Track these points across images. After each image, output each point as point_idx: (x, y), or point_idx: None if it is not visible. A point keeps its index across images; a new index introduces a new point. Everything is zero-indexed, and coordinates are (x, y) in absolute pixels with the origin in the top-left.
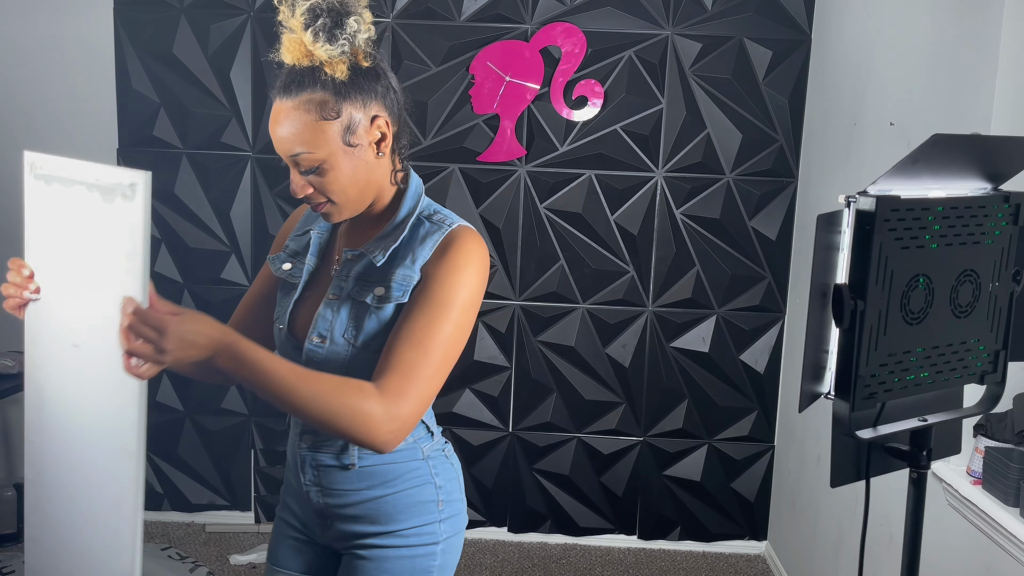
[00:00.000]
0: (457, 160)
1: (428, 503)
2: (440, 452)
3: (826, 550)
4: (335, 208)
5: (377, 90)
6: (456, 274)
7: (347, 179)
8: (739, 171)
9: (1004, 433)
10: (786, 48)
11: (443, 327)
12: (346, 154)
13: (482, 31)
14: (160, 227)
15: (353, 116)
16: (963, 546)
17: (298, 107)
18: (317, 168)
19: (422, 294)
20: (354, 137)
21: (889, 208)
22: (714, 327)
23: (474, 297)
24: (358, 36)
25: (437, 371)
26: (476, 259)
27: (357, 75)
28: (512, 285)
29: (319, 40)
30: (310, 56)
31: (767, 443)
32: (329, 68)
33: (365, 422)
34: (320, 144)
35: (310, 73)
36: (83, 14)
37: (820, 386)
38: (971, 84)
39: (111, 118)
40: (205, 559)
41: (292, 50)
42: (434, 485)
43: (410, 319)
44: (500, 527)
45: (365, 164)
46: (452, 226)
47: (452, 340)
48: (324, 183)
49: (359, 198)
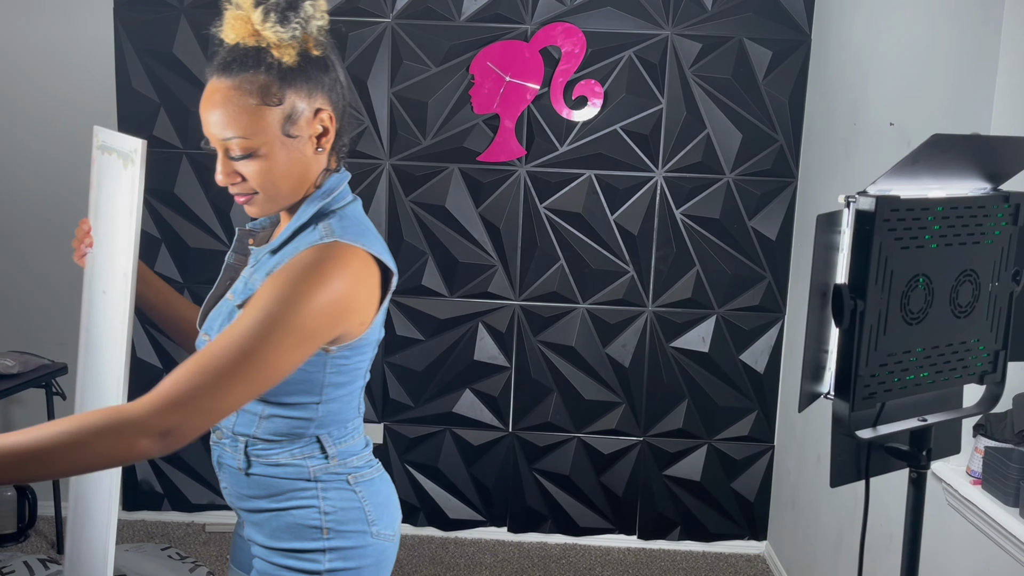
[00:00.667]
0: (457, 160)
1: (309, 528)
2: (340, 477)
3: (826, 550)
4: (261, 201)
5: (325, 82)
6: (286, 287)
7: (280, 172)
8: (739, 171)
9: (1004, 433)
10: (786, 48)
11: (243, 343)
12: (283, 145)
13: (482, 31)
14: (160, 227)
15: (296, 105)
16: (963, 546)
17: (238, 88)
18: (249, 155)
19: (248, 306)
20: (295, 128)
21: (889, 208)
22: (714, 327)
23: (308, 323)
24: (312, 22)
25: (228, 384)
26: (323, 283)
27: (306, 63)
28: (512, 285)
29: (269, 20)
30: (256, 36)
31: (767, 443)
32: (276, 51)
33: (110, 438)
34: (257, 130)
35: (255, 54)
36: (83, 14)
37: (820, 386)
38: (971, 84)
39: (111, 118)
40: (205, 559)
41: (237, 28)
42: (319, 510)
43: (225, 329)
44: (500, 527)
45: (302, 158)
46: (327, 239)
47: (258, 357)
48: (254, 173)
49: (289, 194)
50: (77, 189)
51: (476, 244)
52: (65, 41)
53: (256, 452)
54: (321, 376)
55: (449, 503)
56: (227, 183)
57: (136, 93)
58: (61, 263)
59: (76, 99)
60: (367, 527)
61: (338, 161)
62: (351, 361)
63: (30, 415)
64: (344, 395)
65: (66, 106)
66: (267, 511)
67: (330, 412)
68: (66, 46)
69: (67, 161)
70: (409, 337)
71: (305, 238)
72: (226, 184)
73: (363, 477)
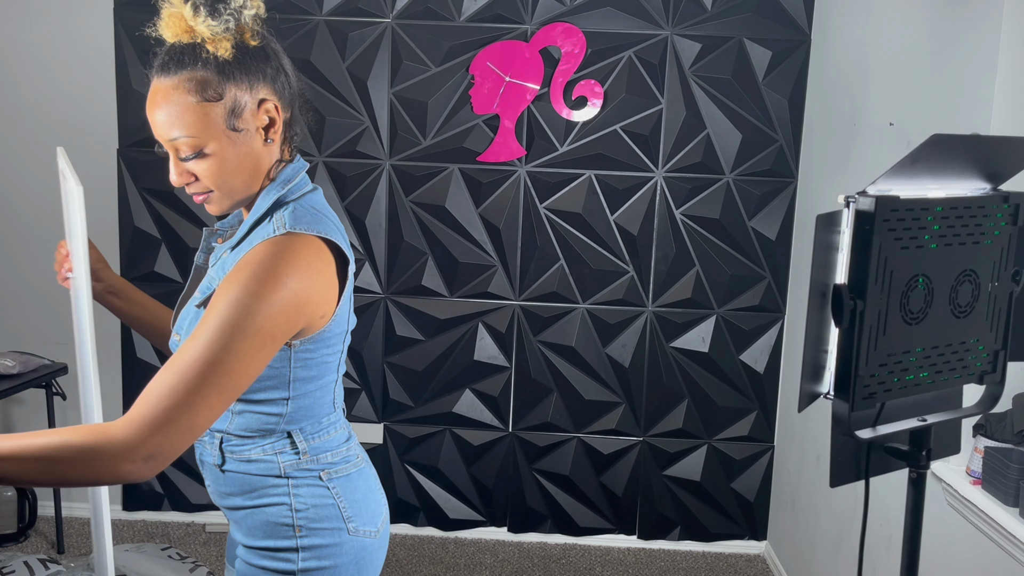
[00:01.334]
0: (457, 160)
1: (281, 526)
2: (311, 474)
3: (826, 550)
4: (217, 199)
5: (266, 72)
6: (240, 291)
7: (231, 167)
8: (739, 171)
9: (1004, 433)
10: (786, 48)
11: (207, 353)
12: (230, 139)
13: (482, 31)
14: (160, 227)
15: (238, 98)
16: (963, 546)
17: (177, 87)
18: (198, 154)
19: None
20: (239, 121)
21: (888, 208)
22: (714, 327)
23: (265, 324)
24: (244, 12)
25: (200, 399)
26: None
27: (243, 54)
28: (512, 285)
29: (200, 14)
30: (191, 32)
31: (767, 443)
32: (211, 45)
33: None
34: (201, 128)
35: (191, 50)
36: (83, 14)
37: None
38: (971, 84)
39: (111, 118)
40: (205, 559)
41: (172, 25)
42: (289, 507)
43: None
44: (500, 527)
45: (251, 151)
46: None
47: (223, 368)
48: (205, 171)
49: (244, 188)
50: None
51: (476, 244)
52: (65, 41)
53: (230, 448)
54: (287, 371)
55: (449, 503)
56: (182, 183)
57: (136, 93)
58: None
59: (76, 99)
60: (343, 524)
61: (292, 151)
62: (316, 355)
63: (30, 415)
64: (314, 390)
65: (66, 106)
66: (243, 508)
67: (301, 408)
68: (66, 46)
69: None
70: (409, 337)
71: (260, 232)
72: (181, 185)
73: (337, 473)
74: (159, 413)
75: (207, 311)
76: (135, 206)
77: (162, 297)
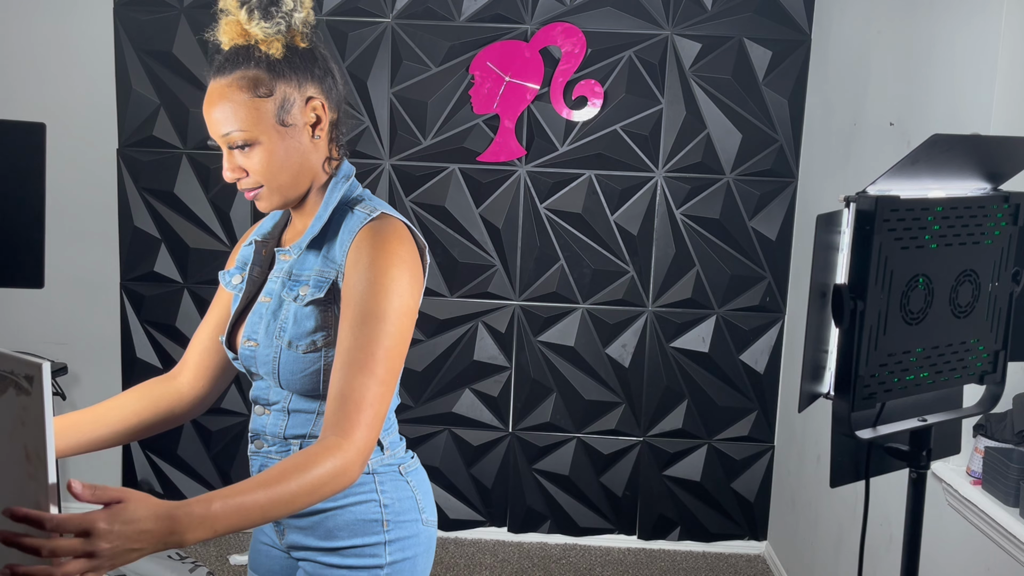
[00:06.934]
0: (457, 160)
1: (371, 522)
2: (392, 468)
3: (826, 550)
4: (266, 194)
5: (314, 72)
6: (381, 281)
7: (279, 161)
8: (739, 171)
9: (1004, 433)
10: (786, 48)
11: (383, 342)
12: (279, 134)
13: (482, 31)
14: (160, 227)
15: (287, 95)
16: (963, 546)
17: (231, 85)
18: (249, 146)
19: (353, 312)
20: (288, 117)
21: (889, 208)
22: (714, 327)
23: (405, 300)
24: (295, 15)
25: (385, 389)
26: (399, 258)
27: (293, 55)
28: (512, 285)
29: (254, 17)
30: (245, 35)
31: (767, 443)
32: (264, 46)
33: (339, 477)
34: (252, 122)
35: (244, 51)
36: (83, 14)
37: (820, 386)
38: (971, 84)
39: (111, 118)
40: (205, 559)
41: (228, 31)
42: (378, 503)
43: (347, 344)
44: (500, 527)
45: (299, 147)
46: (372, 215)
47: (393, 352)
48: (256, 164)
49: (292, 183)
50: (77, 189)
51: (476, 244)
52: (65, 41)
53: None
54: None
55: (449, 503)
56: (233, 179)
57: (136, 93)
58: (61, 263)
59: (76, 99)
60: (419, 515)
61: (339, 149)
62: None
63: None
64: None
65: (66, 106)
66: (322, 512)
67: None
68: (66, 46)
69: (67, 161)
70: None
71: (350, 222)
72: (232, 180)
73: (411, 467)
74: (365, 414)
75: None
76: (135, 206)
77: (163, 296)
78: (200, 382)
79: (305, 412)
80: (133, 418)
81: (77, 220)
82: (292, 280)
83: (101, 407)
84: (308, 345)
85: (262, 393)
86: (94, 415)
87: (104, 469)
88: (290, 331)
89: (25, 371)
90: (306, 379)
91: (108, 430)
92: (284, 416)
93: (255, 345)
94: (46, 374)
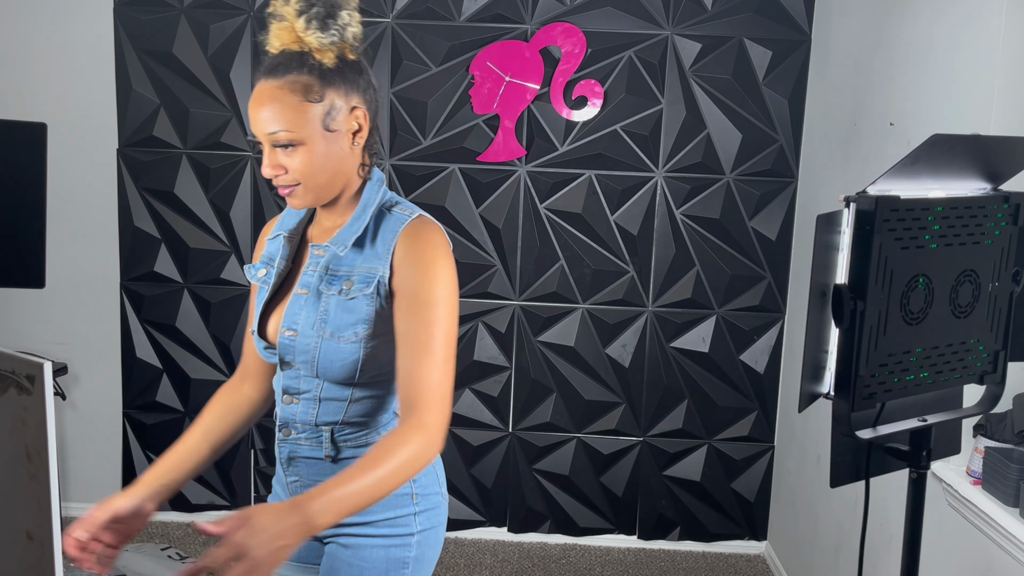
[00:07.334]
0: (457, 160)
1: (402, 496)
2: None
3: (826, 550)
4: (301, 192)
5: (360, 83)
6: (431, 271)
7: (319, 163)
8: (739, 171)
9: (1004, 433)
10: (786, 48)
11: (440, 326)
12: (323, 138)
13: (482, 31)
14: (160, 227)
15: (335, 102)
16: (963, 546)
17: (283, 87)
18: (293, 145)
19: (408, 302)
20: (333, 123)
21: (889, 208)
22: (714, 327)
23: (453, 288)
24: (348, 29)
25: (448, 368)
26: (443, 251)
27: (343, 65)
28: (512, 285)
29: (311, 27)
30: (300, 42)
31: (767, 443)
32: (318, 54)
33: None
34: (300, 124)
35: (298, 57)
36: (83, 14)
37: (820, 386)
38: (971, 84)
39: (111, 118)
40: None
41: (282, 36)
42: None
43: (408, 331)
44: (500, 527)
45: (339, 151)
46: (412, 216)
47: (449, 334)
48: (298, 164)
49: (328, 184)
50: (77, 189)
51: (476, 244)
52: (65, 41)
53: (344, 438)
54: None
55: (449, 503)
56: (272, 175)
57: (136, 93)
58: (62, 263)
59: (76, 99)
60: (439, 489)
61: (370, 156)
62: None
63: None
64: None
65: (66, 106)
66: None
67: None
68: (66, 46)
69: (67, 161)
70: None
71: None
72: (271, 176)
73: None
74: (436, 394)
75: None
76: (135, 206)
77: (163, 296)
78: (264, 384)
79: (337, 400)
80: (228, 432)
81: (77, 220)
82: (330, 274)
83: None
84: (350, 336)
85: (292, 382)
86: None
87: (104, 469)
88: (332, 322)
89: (26, 371)
90: (344, 368)
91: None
92: (315, 404)
93: (294, 335)
94: (47, 374)
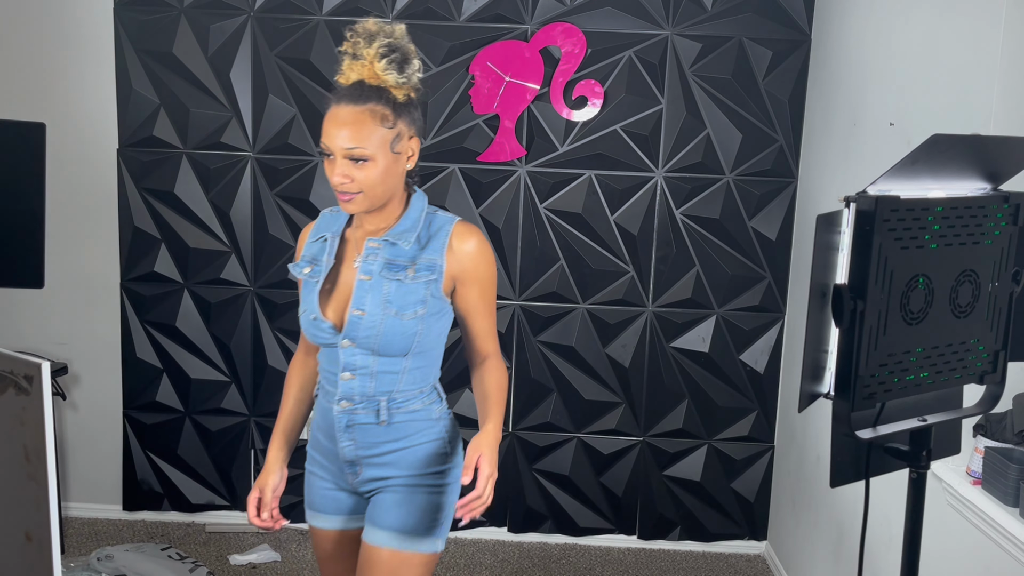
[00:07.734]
0: (457, 160)
1: (439, 455)
2: (448, 416)
3: (826, 550)
4: (360, 200)
5: (417, 117)
6: (484, 257)
7: (381, 177)
8: (739, 171)
9: (1004, 433)
10: (786, 48)
11: (494, 297)
12: (389, 158)
13: (482, 31)
14: (160, 227)
15: (402, 130)
16: (963, 546)
17: (364, 112)
18: (364, 161)
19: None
20: (398, 146)
21: (889, 208)
22: (714, 327)
23: (495, 269)
24: (416, 75)
25: (495, 323)
26: (488, 244)
27: (409, 102)
28: (512, 285)
29: (390, 69)
30: (378, 79)
31: (767, 443)
32: (394, 91)
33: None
34: (375, 145)
35: (377, 91)
36: (83, 14)
37: (820, 386)
38: (971, 84)
39: (111, 118)
40: (205, 559)
41: (360, 72)
42: (444, 441)
43: (476, 301)
44: (500, 527)
45: (396, 170)
46: (454, 220)
47: (495, 302)
48: (365, 177)
49: (382, 195)
50: (77, 189)
51: None
52: (65, 41)
53: (396, 404)
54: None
55: None
56: (340, 183)
57: (136, 93)
58: (61, 263)
59: (76, 99)
60: (462, 449)
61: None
62: None
63: None
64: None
65: (66, 106)
66: (403, 449)
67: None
68: (66, 46)
69: (67, 161)
70: None
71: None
72: (339, 184)
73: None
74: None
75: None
76: (135, 206)
77: (163, 296)
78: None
79: (391, 372)
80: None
81: (77, 220)
82: (390, 264)
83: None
84: (411, 314)
85: (350, 359)
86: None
87: (104, 469)
88: (396, 303)
89: (25, 371)
90: (403, 341)
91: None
92: (371, 378)
93: (362, 314)
94: (46, 374)
